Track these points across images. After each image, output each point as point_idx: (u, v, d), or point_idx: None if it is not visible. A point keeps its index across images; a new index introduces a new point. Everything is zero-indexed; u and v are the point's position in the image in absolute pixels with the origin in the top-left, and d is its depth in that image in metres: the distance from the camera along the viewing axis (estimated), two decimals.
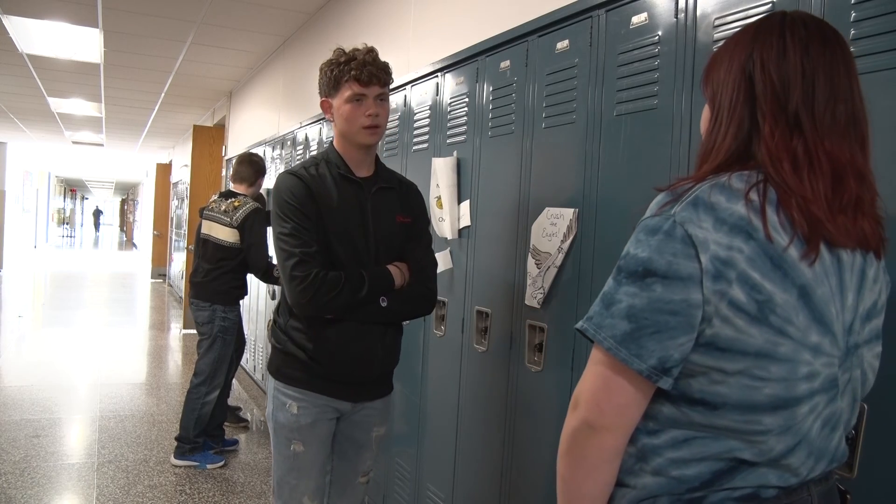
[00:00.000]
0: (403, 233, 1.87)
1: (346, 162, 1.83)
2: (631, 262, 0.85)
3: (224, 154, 7.56)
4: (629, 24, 1.62)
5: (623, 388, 0.85)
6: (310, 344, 1.77)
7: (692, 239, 0.81)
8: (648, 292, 0.82)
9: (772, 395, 0.82)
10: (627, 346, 0.83)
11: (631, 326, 0.83)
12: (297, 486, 1.83)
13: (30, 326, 7.84)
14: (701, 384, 0.84)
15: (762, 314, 0.80)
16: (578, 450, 0.89)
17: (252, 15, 4.77)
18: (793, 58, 0.86)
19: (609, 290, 0.87)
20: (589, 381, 0.88)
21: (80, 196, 39.39)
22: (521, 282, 1.97)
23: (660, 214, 0.84)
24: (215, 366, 3.55)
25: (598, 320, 0.86)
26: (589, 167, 1.73)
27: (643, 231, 0.86)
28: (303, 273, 1.68)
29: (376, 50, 1.83)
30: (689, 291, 0.81)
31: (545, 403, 1.88)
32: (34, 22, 5.15)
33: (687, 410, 0.86)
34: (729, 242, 0.80)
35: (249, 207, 3.52)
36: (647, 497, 0.88)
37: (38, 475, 3.33)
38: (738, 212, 0.82)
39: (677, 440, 0.87)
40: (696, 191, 0.84)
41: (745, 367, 0.81)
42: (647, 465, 0.88)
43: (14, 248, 14.81)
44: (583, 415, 0.87)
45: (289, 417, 1.81)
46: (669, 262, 0.81)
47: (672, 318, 0.81)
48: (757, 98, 0.87)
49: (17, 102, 8.97)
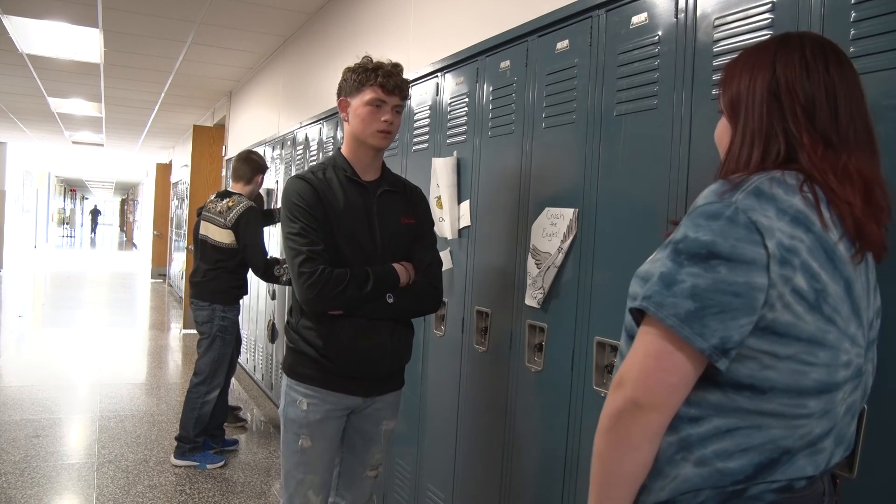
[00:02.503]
0: (408, 234, 1.93)
1: (352, 166, 1.90)
2: (692, 244, 0.86)
3: (224, 154, 7.56)
4: (629, 24, 1.62)
5: (677, 366, 0.86)
6: (320, 341, 1.83)
7: (756, 225, 0.84)
8: (713, 273, 0.84)
9: (817, 379, 0.86)
10: (691, 324, 0.84)
11: (695, 305, 0.84)
12: (304, 480, 1.88)
13: (30, 326, 7.84)
14: (750, 369, 0.86)
15: (818, 302, 0.85)
16: (623, 429, 0.89)
17: (252, 15, 4.77)
18: (816, 78, 0.91)
19: (668, 270, 0.88)
20: (638, 360, 0.89)
21: (80, 196, 39.39)
22: (521, 282, 1.97)
23: (720, 201, 0.87)
24: (215, 365, 3.55)
25: (659, 299, 0.87)
26: (589, 167, 1.73)
27: (702, 216, 0.87)
28: (310, 269, 1.74)
29: (402, 66, 1.91)
30: (753, 275, 0.83)
31: (545, 403, 1.88)
32: (34, 22, 5.15)
33: (734, 395, 0.88)
34: (791, 232, 0.84)
35: (242, 207, 3.51)
36: (690, 490, 0.89)
37: (38, 475, 3.33)
38: (796, 204, 0.86)
39: (720, 430, 0.88)
40: (754, 182, 0.87)
41: (795, 352, 0.85)
42: (689, 454, 0.89)
43: (14, 248, 14.82)
44: (630, 393, 0.88)
45: (298, 413, 1.87)
46: (734, 246, 0.84)
47: (735, 299, 0.83)
48: (786, 117, 0.91)
49: (17, 102, 8.97)
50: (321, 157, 3.79)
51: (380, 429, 1.99)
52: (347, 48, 3.89)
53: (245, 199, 3.59)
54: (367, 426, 1.97)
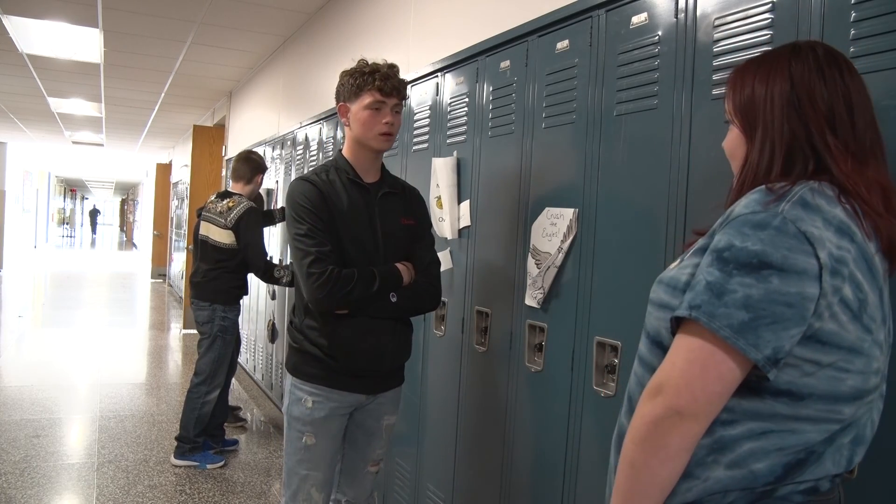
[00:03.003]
0: (408, 234, 1.96)
1: (354, 168, 1.93)
2: (741, 253, 0.85)
3: (224, 154, 7.56)
4: (629, 24, 1.62)
5: (724, 376, 0.86)
6: (324, 340, 1.86)
7: (807, 236, 0.84)
8: (766, 284, 0.84)
9: (853, 386, 0.88)
10: (745, 335, 0.84)
11: (749, 316, 0.84)
12: (307, 477, 1.91)
13: (30, 326, 7.84)
14: (791, 376, 0.87)
15: (860, 312, 0.87)
16: (660, 438, 0.88)
17: (252, 15, 4.77)
18: (834, 90, 0.91)
19: (716, 280, 0.86)
20: (680, 367, 0.88)
21: (80, 196, 39.38)
22: (521, 282, 1.97)
23: (765, 211, 0.86)
24: (215, 365, 3.55)
25: (710, 309, 0.86)
26: (589, 167, 1.73)
27: (747, 226, 0.86)
28: (319, 270, 1.77)
29: (398, 66, 1.93)
30: (805, 285, 0.83)
31: (545, 403, 1.88)
32: (34, 22, 5.14)
33: (772, 402, 0.88)
34: (839, 242, 0.85)
35: (243, 208, 3.52)
36: (719, 491, 0.89)
37: (38, 475, 3.33)
38: (839, 215, 0.87)
39: (755, 432, 0.88)
40: (798, 192, 0.88)
41: (836, 360, 0.86)
42: (722, 457, 0.89)
43: (14, 248, 14.81)
44: (671, 402, 0.87)
45: (303, 411, 1.90)
46: (785, 256, 0.83)
47: (787, 309, 0.83)
48: (812, 129, 0.91)
49: (17, 102, 8.97)
50: (321, 157, 3.79)
51: (381, 424, 2.02)
52: (347, 48, 3.89)
53: (245, 199, 3.60)
54: (368, 421, 2.00)
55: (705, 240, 0.93)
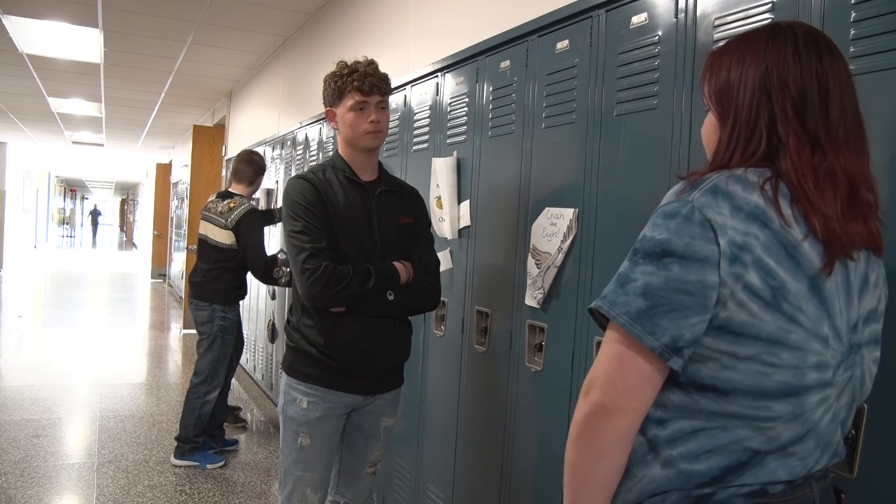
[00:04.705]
0: (406, 233, 1.95)
1: (351, 167, 1.93)
2: (648, 243, 0.86)
3: (224, 154, 7.56)
4: (629, 24, 1.62)
5: (637, 367, 0.86)
6: (321, 339, 1.85)
7: (711, 223, 0.83)
8: (665, 271, 0.84)
9: (782, 381, 0.84)
10: (642, 322, 0.84)
11: (646, 304, 0.84)
12: (302, 477, 1.90)
13: (30, 326, 7.84)
14: (711, 370, 0.85)
15: (775, 300, 0.82)
16: (591, 434, 0.89)
17: (252, 15, 4.77)
18: (809, 74, 0.88)
19: (624, 270, 0.88)
20: (603, 363, 0.88)
21: (80, 196, 39.38)
22: (521, 282, 1.97)
23: (678, 200, 0.86)
24: (215, 365, 3.55)
25: (613, 297, 0.87)
26: (589, 167, 1.73)
27: (660, 216, 0.87)
28: (313, 266, 1.77)
29: (376, 62, 1.92)
30: (706, 273, 0.82)
31: (545, 403, 1.88)
32: (34, 22, 5.14)
33: (697, 397, 0.87)
34: (745, 229, 0.83)
35: (244, 209, 3.52)
36: (657, 492, 0.88)
37: (38, 475, 3.33)
38: (753, 201, 0.84)
39: (685, 431, 0.87)
40: (713, 179, 0.86)
41: (756, 353, 0.83)
42: (657, 455, 0.89)
43: (14, 248, 14.81)
44: (597, 397, 0.88)
45: (298, 411, 1.88)
46: (688, 244, 0.83)
47: (687, 297, 0.83)
48: (776, 113, 0.88)
49: (17, 102, 8.97)
50: (321, 157, 3.79)
51: (380, 426, 2.01)
52: (347, 48, 3.88)
53: (247, 200, 3.61)
54: (367, 423, 1.99)
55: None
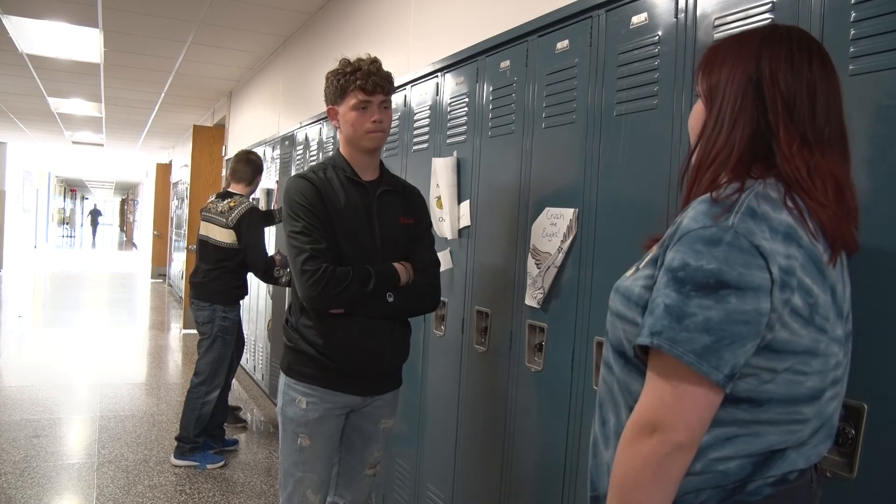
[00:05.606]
0: (407, 234, 1.94)
1: (352, 166, 1.91)
2: (697, 273, 0.84)
3: (224, 154, 7.56)
4: (629, 24, 1.62)
5: (707, 402, 0.85)
6: (320, 339, 1.83)
7: (759, 250, 0.83)
8: (724, 304, 0.82)
9: (812, 387, 0.88)
10: (708, 359, 0.83)
11: (710, 339, 0.83)
12: (302, 478, 1.89)
13: (30, 326, 7.84)
14: (749, 384, 0.86)
15: (811, 316, 0.85)
16: (665, 472, 0.86)
17: (252, 15, 4.77)
18: (800, 73, 0.90)
19: (674, 303, 0.85)
20: (670, 405, 0.86)
21: (80, 196, 39.37)
22: (521, 282, 1.97)
23: (716, 226, 0.84)
24: (215, 365, 3.55)
25: (672, 334, 0.84)
26: (589, 167, 1.73)
27: (700, 242, 0.85)
28: (313, 267, 1.75)
29: (380, 60, 1.89)
30: (760, 301, 0.83)
31: (545, 403, 1.88)
32: (34, 22, 5.14)
33: (732, 409, 0.88)
34: (786, 251, 0.84)
35: (245, 208, 3.52)
36: (690, 490, 0.90)
37: (38, 475, 3.33)
38: (786, 221, 0.85)
39: (720, 438, 0.88)
40: (745, 201, 0.86)
41: (791, 365, 0.86)
42: (692, 466, 0.89)
43: (14, 248, 14.81)
44: (671, 438, 0.85)
45: (297, 412, 1.87)
46: (741, 274, 0.82)
47: (745, 327, 0.83)
48: (767, 108, 0.90)
49: (17, 102, 8.97)
50: (321, 157, 3.79)
51: (378, 427, 2.00)
52: (347, 48, 3.88)
53: (247, 199, 3.61)
54: (365, 425, 1.98)
55: (659, 249, 0.92)
